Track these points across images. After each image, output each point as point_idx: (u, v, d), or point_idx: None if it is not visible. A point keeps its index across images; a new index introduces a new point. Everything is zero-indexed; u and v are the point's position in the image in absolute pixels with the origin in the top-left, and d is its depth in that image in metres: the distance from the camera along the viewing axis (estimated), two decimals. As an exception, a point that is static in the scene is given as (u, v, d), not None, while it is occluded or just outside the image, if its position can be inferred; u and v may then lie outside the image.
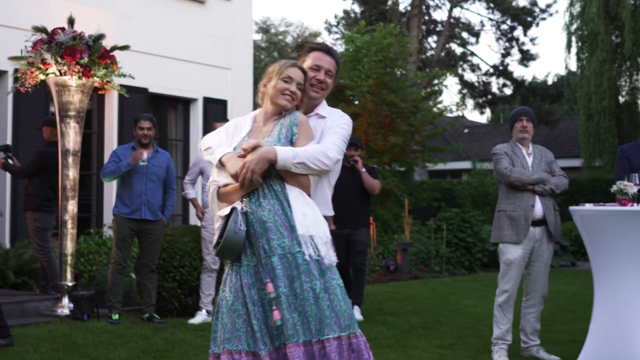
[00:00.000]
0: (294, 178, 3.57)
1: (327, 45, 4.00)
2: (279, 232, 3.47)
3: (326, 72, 3.88)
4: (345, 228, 8.30)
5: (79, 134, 7.56)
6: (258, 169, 3.47)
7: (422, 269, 13.20)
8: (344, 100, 15.45)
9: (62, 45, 7.11)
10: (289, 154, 3.51)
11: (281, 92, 3.66)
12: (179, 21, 12.30)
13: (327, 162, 3.61)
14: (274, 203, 3.52)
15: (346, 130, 3.81)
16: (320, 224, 3.56)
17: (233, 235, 3.44)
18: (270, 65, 3.78)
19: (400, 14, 30.81)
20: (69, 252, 7.57)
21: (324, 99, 3.96)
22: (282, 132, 3.63)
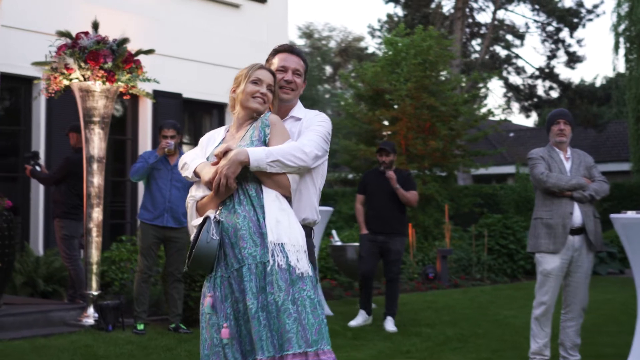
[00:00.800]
0: (271, 179, 3.40)
1: (291, 45, 3.88)
2: (251, 240, 3.32)
3: (293, 71, 3.75)
4: (378, 235, 8.07)
5: (104, 140, 7.41)
6: (231, 173, 3.33)
7: (462, 276, 12.84)
8: (383, 104, 15.17)
9: (86, 50, 6.97)
10: (262, 154, 3.36)
11: (251, 95, 3.54)
12: (213, 25, 12.16)
13: (304, 157, 3.45)
14: (249, 209, 3.37)
15: (323, 127, 3.66)
16: (294, 230, 3.37)
17: (205, 245, 3.29)
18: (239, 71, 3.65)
19: (444, 17, 30.44)
20: (94, 260, 7.42)
21: (297, 100, 3.84)
22: (254, 135, 3.49)
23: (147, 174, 7.25)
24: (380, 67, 15.49)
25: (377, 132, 15.41)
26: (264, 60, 3.84)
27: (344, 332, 7.68)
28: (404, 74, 14.90)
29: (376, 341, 7.22)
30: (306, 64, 3.82)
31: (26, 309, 7.34)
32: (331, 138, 3.75)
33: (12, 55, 8.98)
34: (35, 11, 9.79)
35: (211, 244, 3.28)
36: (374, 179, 8.32)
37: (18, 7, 9.18)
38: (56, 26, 7.34)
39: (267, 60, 3.80)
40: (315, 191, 3.69)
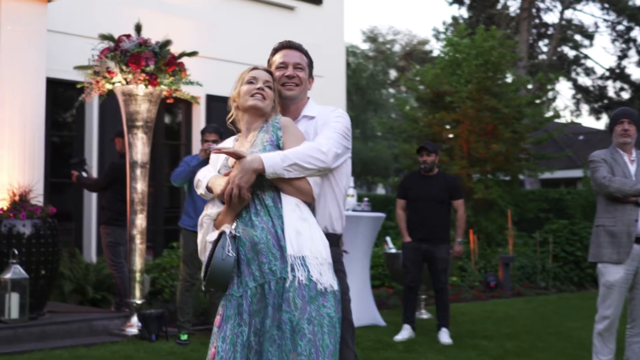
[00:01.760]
0: (291, 185, 3.15)
1: (289, 41, 3.64)
2: (271, 254, 3.06)
3: (295, 66, 3.51)
4: (422, 242, 7.66)
5: (147, 145, 7.24)
6: (244, 182, 3.08)
7: (525, 285, 12.33)
8: (444, 107, 14.75)
9: (127, 53, 6.81)
10: (277, 159, 3.11)
11: (248, 94, 3.29)
12: (266, 28, 11.96)
13: (323, 157, 3.19)
14: (267, 220, 3.11)
15: (341, 123, 3.39)
16: (316, 242, 3.10)
17: (220, 263, 3.05)
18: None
19: (509, 18, 29.78)
20: (138, 268, 7.24)
21: (307, 97, 3.58)
22: (265, 139, 3.23)
23: (188, 178, 7.04)
24: (440, 68, 15.08)
25: (438, 136, 14.98)
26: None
27: (395, 344, 7.34)
28: (464, 76, 14.46)
29: (429, 354, 6.86)
30: (308, 57, 3.58)
31: (70, 317, 7.21)
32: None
33: (59, 60, 8.90)
34: (81, 15, 9.72)
35: (227, 261, 3.05)
36: (416, 182, 7.88)
37: (64, 12, 9.11)
38: (105, 30, 7.21)
39: (268, 62, 3.59)
40: (340, 193, 3.43)
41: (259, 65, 3.43)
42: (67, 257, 9.25)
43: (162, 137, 11.28)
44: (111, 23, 8.51)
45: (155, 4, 10.62)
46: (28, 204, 7.12)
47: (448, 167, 14.53)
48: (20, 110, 7.50)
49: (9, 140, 7.40)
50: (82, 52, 7.54)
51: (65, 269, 8.86)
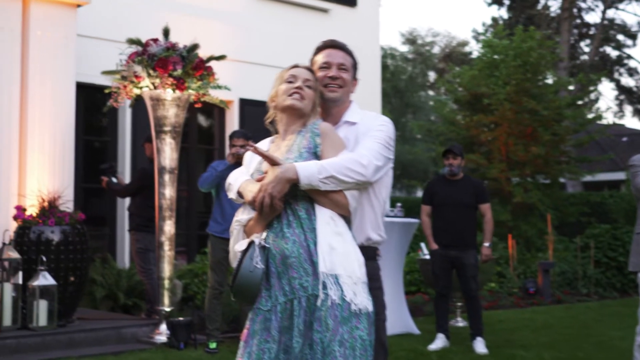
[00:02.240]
0: (326, 197, 2.96)
1: (333, 40, 3.43)
2: (302, 268, 2.89)
3: (338, 67, 3.31)
4: (450, 249, 7.45)
5: (176, 150, 7.14)
6: (276, 192, 2.90)
7: (566, 291, 12.02)
8: (481, 109, 14.49)
9: (155, 57, 6.73)
10: (313, 169, 2.92)
11: (286, 93, 3.12)
12: (301, 31, 11.84)
13: (363, 170, 2.99)
14: (299, 232, 2.93)
15: (384, 132, 3.19)
16: (350, 259, 2.91)
17: (248, 275, 2.90)
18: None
19: (550, 18, 29.31)
20: (166, 275, 7.15)
21: (350, 101, 3.38)
22: (302, 145, 3.05)
23: (216, 183, 6.93)
24: (477, 70, 14.82)
25: (476, 138, 14.73)
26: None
27: (429, 353, 7.15)
28: (502, 77, 14.18)
29: (463, 365, 6.67)
30: (353, 58, 3.39)
31: (99, 324, 7.15)
32: (395, 144, 3.28)
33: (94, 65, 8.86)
34: (111, 19, 9.68)
35: (255, 273, 2.89)
36: (442, 187, 7.67)
37: (94, 16, 9.08)
38: (136, 34, 7.14)
39: (310, 61, 3.40)
40: (380, 205, 3.25)
41: (300, 63, 3.26)
42: (100, 262, 9.22)
43: (196, 142, 11.23)
44: (142, 27, 8.46)
45: (187, 8, 10.56)
46: (57, 210, 7.07)
47: (486, 170, 14.28)
48: (50, 115, 7.46)
49: (38, 145, 7.37)
50: (115, 56, 7.48)
51: (97, 275, 8.82)
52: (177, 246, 10.87)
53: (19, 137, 7.33)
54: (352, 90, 3.38)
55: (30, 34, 7.42)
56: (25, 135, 7.33)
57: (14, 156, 7.28)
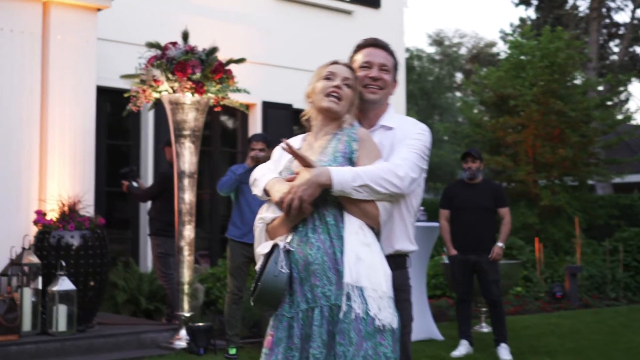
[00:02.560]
0: (357, 206, 2.83)
1: (375, 39, 3.28)
2: (325, 276, 2.78)
3: (380, 67, 3.18)
4: (469, 254, 7.32)
5: (195, 154, 7.09)
6: (307, 195, 2.79)
7: (594, 296, 11.80)
8: (507, 111, 14.31)
9: (174, 61, 6.68)
10: (348, 176, 2.80)
11: (323, 92, 2.98)
12: (324, 33, 11.77)
13: (398, 182, 2.87)
14: (325, 239, 2.81)
15: (421, 141, 3.07)
16: (377, 271, 2.78)
17: (272, 279, 2.78)
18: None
19: (579, 18, 28.96)
20: (186, 280, 7.09)
21: (388, 104, 3.24)
22: (338, 149, 2.93)
23: (234, 187, 6.88)
24: (504, 71, 14.63)
25: (502, 140, 14.54)
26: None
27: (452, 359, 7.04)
28: (529, 78, 13.99)
29: (487, 372, 6.54)
30: (395, 59, 3.26)
31: (119, 330, 7.11)
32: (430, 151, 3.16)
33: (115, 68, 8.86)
34: (132, 22, 9.66)
35: (279, 278, 2.78)
36: (460, 191, 7.53)
37: (115, 19, 9.07)
38: (157, 37, 7.11)
39: (350, 59, 3.26)
40: (410, 216, 3.11)
41: (340, 59, 3.11)
42: (122, 266, 9.21)
43: (219, 145, 11.19)
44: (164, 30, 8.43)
45: (209, 11, 10.54)
46: (77, 214, 7.05)
47: (513, 172, 14.11)
48: (70, 119, 7.46)
49: (59, 150, 7.36)
50: (137, 59, 7.44)
51: (119, 279, 8.81)
52: (200, 249, 10.88)
53: (40, 142, 7.33)
54: (391, 92, 3.26)
55: (50, 38, 7.41)
56: (45, 140, 7.33)
57: (35, 160, 7.27)
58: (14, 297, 6.46)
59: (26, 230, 7.07)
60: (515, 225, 13.50)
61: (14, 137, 7.18)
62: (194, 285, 9.00)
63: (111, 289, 8.69)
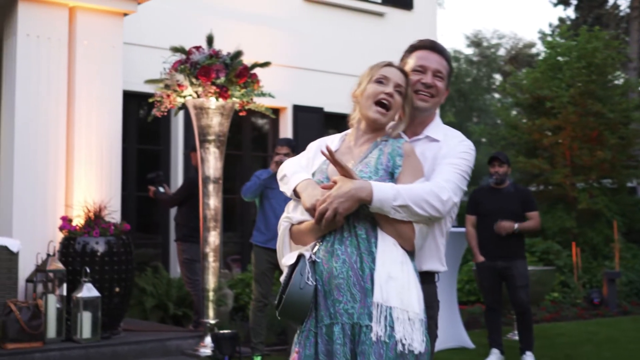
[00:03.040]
0: (392, 225, 2.66)
1: (433, 42, 3.07)
2: (349, 292, 2.61)
3: (434, 73, 2.98)
4: (497, 260, 7.13)
5: (220, 159, 7.00)
6: (343, 208, 2.62)
7: (633, 302, 11.52)
8: (544, 112, 14.03)
9: (197, 65, 6.60)
10: (389, 194, 2.62)
11: (373, 98, 2.78)
12: (355, 36, 11.64)
13: (440, 206, 2.68)
14: (352, 252, 2.64)
15: (466, 161, 2.88)
16: (410, 292, 2.60)
17: (297, 292, 2.61)
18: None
19: (619, 18, 28.45)
20: (211, 287, 7.00)
21: (436, 114, 3.04)
22: (381, 161, 2.75)
23: (259, 192, 6.78)
24: (539, 72, 14.36)
25: (539, 143, 14.27)
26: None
27: (483, 369, 6.86)
28: (566, 79, 13.71)
29: (518, 382, 6.35)
30: (450, 65, 3.06)
31: (144, 336, 7.05)
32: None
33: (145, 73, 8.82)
34: (159, 26, 9.60)
35: (305, 291, 2.62)
36: (487, 196, 7.35)
37: (141, 24, 9.04)
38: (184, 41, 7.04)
39: (402, 59, 3.07)
40: (442, 237, 2.93)
41: (394, 62, 2.92)
42: (151, 272, 9.17)
43: (250, 149, 11.12)
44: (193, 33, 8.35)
45: (238, 15, 10.47)
46: (102, 220, 7.01)
47: (550, 175, 13.84)
48: (97, 125, 7.42)
49: (85, 156, 7.33)
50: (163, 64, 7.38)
51: (148, 285, 8.77)
52: (232, 254, 10.81)
53: (66, 147, 7.30)
54: (442, 100, 3.06)
55: (76, 44, 7.38)
56: (72, 145, 7.30)
57: (61, 166, 7.24)
58: (38, 304, 6.43)
59: (53, 237, 7.05)
60: (552, 229, 13.25)
61: (41, 144, 7.15)
62: (223, 291, 8.95)
63: (140, 294, 8.66)
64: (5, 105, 7.37)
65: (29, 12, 7.17)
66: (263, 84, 7.03)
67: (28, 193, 7.06)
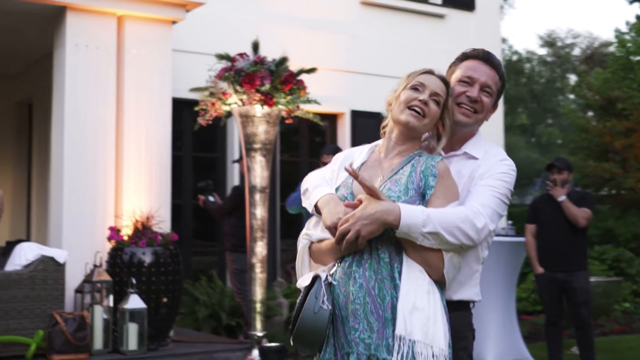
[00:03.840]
0: (419, 252, 2.42)
1: (487, 52, 2.78)
2: (366, 320, 2.38)
3: (482, 87, 2.71)
4: (556, 272, 6.77)
5: (267, 168, 6.86)
6: (367, 232, 2.39)
7: None
8: (615, 114, 13.51)
9: (242, 72, 6.47)
10: (419, 219, 2.38)
11: (406, 103, 2.55)
12: (414, 39, 11.37)
13: (474, 235, 2.43)
14: (370, 276, 2.41)
15: (506, 183, 2.60)
16: (437, 326, 2.36)
17: (311, 316, 2.40)
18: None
19: (700, 14, 27.40)
20: (258, 298, 6.86)
21: (477, 129, 2.75)
22: (412, 179, 2.50)
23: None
24: (610, 72, 13.84)
25: (610, 146, 13.75)
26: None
27: (541, 386, 6.53)
28: (638, 79, 13.17)
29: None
30: (503, 82, 2.78)
31: (192, 348, 6.96)
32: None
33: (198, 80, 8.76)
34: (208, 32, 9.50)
35: (320, 315, 2.39)
36: (546, 204, 6.99)
37: (190, 30, 8.96)
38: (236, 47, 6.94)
39: (450, 67, 2.84)
40: (478, 263, 2.67)
41: (436, 69, 2.69)
42: (205, 281, 9.10)
43: (307, 155, 10.97)
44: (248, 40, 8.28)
45: (292, 20, 10.32)
46: (149, 231, 6.95)
47: (622, 180, 13.32)
48: (146, 134, 7.37)
49: (135, 165, 7.29)
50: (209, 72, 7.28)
51: (202, 294, 8.69)
52: (289, 262, 10.66)
53: (115, 156, 7.27)
54: (487, 118, 2.79)
55: (125, 53, 7.35)
56: (121, 155, 7.27)
57: (110, 176, 7.21)
58: (83, 315, 6.39)
59: (102, 247, 7.03)
60: (624, 235, 12.76)
61: (90, 153, 7.14)
62: (277, 300, 8.81)
63: (193, 303, 8.59)
64: (55, 115, 7.39)
65: (77, 22, 7.17)
66: (319, 89, 6.88)
67: (78, 203, 7.06)
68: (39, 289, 6.43)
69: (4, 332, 6.19)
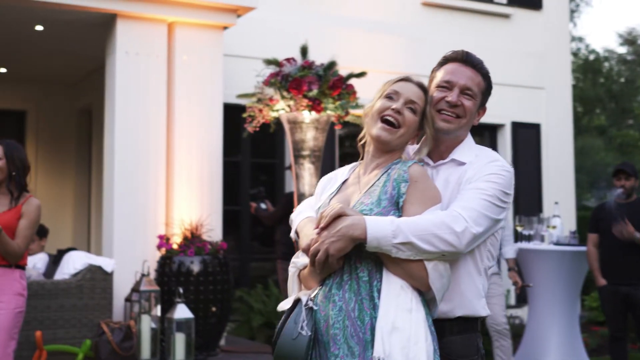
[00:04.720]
0: (398, 265, 2.27)
1: (466, 53, 2.66)
2: (346, 345, 2.25)
3: (462, 90, 2.56)
4: (619, 285, 6.38)
5: (315, 175, 6.69)
6: (335, 249, 2.27)
7: None
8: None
9: (289, 78, 6.33)
10: (387, 230, 2.24)
11: (379, 114, 2.43)
12: (479, 40, 11.03)
13: (453, 240, 2.26)
14: (349, 298, 2.29)
15: (495, 184, 2.41)
16: (418, 346, 2.20)
17: (289, 342, 2.29)
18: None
19: None
20: (305, 308, 6.69)
21: (466, 134, 2.59)
22: (385, 189, 2.36)
23: None
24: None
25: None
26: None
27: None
28: None
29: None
30: (487, 81, 2.64)
31: (241, 358, 6.85)
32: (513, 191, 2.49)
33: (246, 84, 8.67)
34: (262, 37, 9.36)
35: (298, 341, 2.29)
36: (609, 213, 6.58)
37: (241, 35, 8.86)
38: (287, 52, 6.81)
39: (431, 73, 2.71)
40: (480, 275, 2.49)
41: (414, 76, 2.58)
42: (261, 288, 8.99)
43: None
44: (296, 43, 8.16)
45: (352, 22, 10.12)
46: (198, 239, 6.86)
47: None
48: (197, 140, 7.30)
49: (186, 172, 7.22)
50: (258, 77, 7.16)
51: (257, 302, 8.58)
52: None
53: (166, 164, 7.23)
54: (474, 122, 2.64)
55: (175, 59, 7.30)
56: (172, 162, 7.22)
57: (161, 183, 7.17)
58: (130, 325, 6.34)
59: (153, 255, 6.98)
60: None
61: (142, 161, 7.11)
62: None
63: (248, 311, 8.49)
64: (107, 123, 7.38)
65: (127, 30, 7.15)
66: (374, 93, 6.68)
67: (128, 211, 7.03)
68: (87, 298, 6.42)
69: (52, 341, 6.19)
